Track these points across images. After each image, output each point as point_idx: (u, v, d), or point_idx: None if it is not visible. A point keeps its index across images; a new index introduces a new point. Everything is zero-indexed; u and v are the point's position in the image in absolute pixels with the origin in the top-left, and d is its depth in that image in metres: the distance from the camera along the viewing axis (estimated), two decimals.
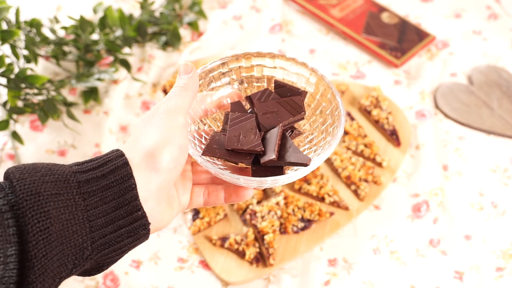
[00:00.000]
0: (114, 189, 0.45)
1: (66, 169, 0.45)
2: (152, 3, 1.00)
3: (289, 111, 0.55)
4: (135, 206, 0.45)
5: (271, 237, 0.76)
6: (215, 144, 0.53)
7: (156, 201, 0.47)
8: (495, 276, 0.77)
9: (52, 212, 0.42)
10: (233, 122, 0.54)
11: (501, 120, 0.91)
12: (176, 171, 0.47)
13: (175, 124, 0.48)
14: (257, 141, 0.52)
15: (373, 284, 0.76)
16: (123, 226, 0.45)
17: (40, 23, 0.91)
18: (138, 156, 0.46)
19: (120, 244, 0.45)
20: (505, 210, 0.83)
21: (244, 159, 0.53)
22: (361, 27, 1.04)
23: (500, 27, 1.05)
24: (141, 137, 0.48)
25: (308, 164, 0.51)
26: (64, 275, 0.43)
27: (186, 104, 0.50)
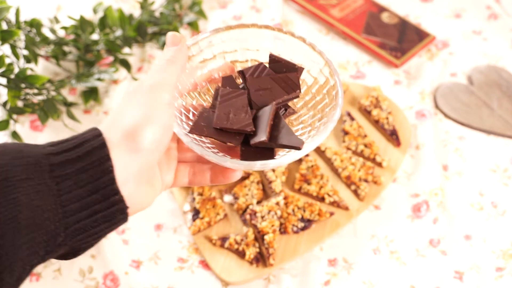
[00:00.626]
0: (90, 172, 0.42)
1: (38, 150, 0.42)
2: (152, 3, 1.00)
3: (284, 89, 0.52)
4: (112, 190, 0.42)
5: (271, 237, 0.76)
6: (203, 122, 0.50)
7: (136, 183, 0.44)
8: (495, 276, 0.77)
9: (21, 198, 0.39)
10: (223, 99, 0.50)
11: (501, 120, 0.91)
12: (158, 151, 0.45)
13: (159, 101, 0.45)
14: (247, 120, 0.49)
15: (373, 284, 0.76)
16: (99, 211, 0.42)
17: (40, 23, 0.91)
18: (117, 135, 0.43)
19: (96, 229, 0.43)
20: (505, 210, 0.83)
21: (233, 139, 0.50)
22: (361, 27, 1.04)
23: (500, 27, 1.05)
24: (121, 115, 0.44)
25: (300, 148, 0.48)
26: (35, 262, 0.41)
27: (172, 79, 0.47)
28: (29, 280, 0.76)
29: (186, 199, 0.82)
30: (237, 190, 0.82)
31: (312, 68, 0.55)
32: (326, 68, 0.54)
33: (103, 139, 0.43)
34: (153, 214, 0.82)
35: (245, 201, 0.81)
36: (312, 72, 0.55)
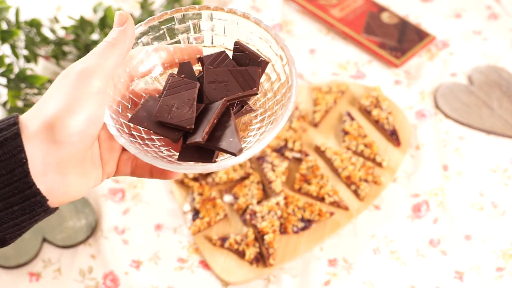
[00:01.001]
0: (1, 164, 0.40)
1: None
2: (152, 3, 1.00)
3: (240, 84, 0.47)
4: (26, 183, 0.40)
5: (271, 237, 0.76)
6: (145, 112, 0.46)
7: (58, 175, 0.41)
8: (495, 276, 0.77)
9: None
10: (171, 89, 0.46)
11: (501, 120, 0.91)
12: (82, 143, 0.41)
13: (87, 89, 0.41)
14: (189, 116, 0.45)
15: (373, 284, 0.76)
16: (15, 203, 0.40)
17: (40, 23, 0.91)
18: (36, 124, 0.40)
19: (15, 221, 0.41)
20: (505, 210, 0.83)
21: (172, 134, 0.46)
22: (361, 27, 1.04)
23: (500, 27, 1.05)
24: (44, 104, 0.41)
25: (236, 155, 0.44)
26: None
27: (108, 65, 0.43)
28: (29, 280, 0.76)
29: (186, 199, 0.82)
30: (237, 190, 0.82)
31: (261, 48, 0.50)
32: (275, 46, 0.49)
33: (18, 129, 0.40)
34: (153, 214, 0.82)
35: (245, 201, 0.81)
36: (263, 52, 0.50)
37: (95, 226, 0.80)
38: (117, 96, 0.47)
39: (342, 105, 0.92)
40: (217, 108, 0.45)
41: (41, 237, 0.78)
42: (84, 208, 0.81)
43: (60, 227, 0.79)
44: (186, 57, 0.50)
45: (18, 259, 0.76)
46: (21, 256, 0.77)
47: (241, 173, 0.83)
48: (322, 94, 0.91)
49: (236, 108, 0.48)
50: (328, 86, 0.93)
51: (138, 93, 0.49)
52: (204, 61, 0.48)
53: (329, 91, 0.92)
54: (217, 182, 0.83)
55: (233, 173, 0.83)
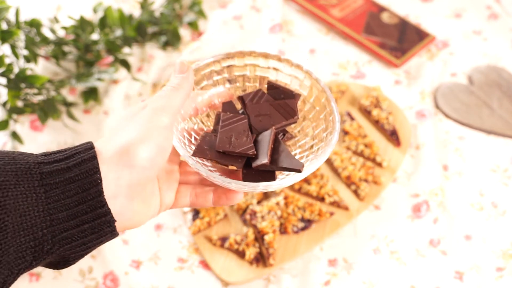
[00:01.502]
0: (78, 183, 0.43)
1: (31, 159, 0.43)
2: (152, 3, 1.00)
3: (282, 114, 0.54)
4: (99, 202, 0.43)
5: (271, 237, 0.76)
6: (205, 145, 0.51)
7: (127, 199, 0.45)
8: (495, 276, 0.77)
9: (9, 203, 0.40)
10: (224, 123, 0.52)
11: (501, 120, 0.91)
12: (151, 170, 0.46)
13: (157, 124, 0.46)
14: (249, 143, 0.51)
15: (373, 284, 0.76)
16: (86, 222, 0.43)
17: (40, 23, 0.91)
18: (111, 150, 0.45)
19: (84, 239, 0.44)
20: (505, 210, 0.83)
21: (236, 162, 0.51)
22: (361, 27, 1.04)
23: (500, 27, 1.05)
24: (118, 132, 0.46)
25: (301, 171, 0.50)
26: (23, 267, 0.42)
27: (175, 105, 0.48)
28: (29, 280, 0.76)
29: None
30: None
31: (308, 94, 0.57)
32: (323, 95, 0.56)
33: (94, 153, 0.44)
34: None
35: (245, 201, 0.81)
36: (308, 98, 0.57)
37: None
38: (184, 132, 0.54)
39: (342, 105, 0.92)
40: (269, 135, 0.51)
41: None
42: None
43: None
44: (221, 99, 0.57)
45: None
46: None
47: None
48: None
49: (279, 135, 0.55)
50: (328, 86, 0.93)
51: (187, 131, 0.55)
52: (244, 98, 0.55)
53: None
54: None
55: None
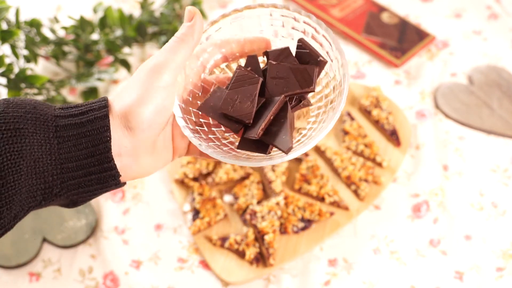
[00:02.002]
0: (89, 138, 0.46)
1: (49, 111, 0.47)
2: (152, 3, 1.00)
3: (299, 82, 0.51)
4: (106, 157, 0.46)
5: (271, 237, 0.76)
6: (212, 102, 0.51)
7: (132, 157, 0.48)
8: (495, 276, 0.77)
9: (25, 148, 0.44)
10: (236, 83, 0.50)
11: (501, 120, 0.91)
12: (151, 130, 0.48)
13: (156, 84, 0.47)
14: (249, 110, 0.49)
15: (373, 284, 0.76)
16: (93, 173, 0.47)
17: (40, 23, 0.91)
18: (117, 111, 0.47)
19: (90, 188, 0.47)
20: (505, 210, 0.83)
21: (234, 126, 0.50)
22: (361, 27, 1.04)
23: (500, 27, 1.05)
24: (123, 92, 0.48)
25: (286, 153, 0.48)
26: (33, 205, 0.46)
27: (177, 60, 0.48)
28: (29, 280, 0.76)
29: (186, 199, 0.82)
30: (237, 190, 0.82)
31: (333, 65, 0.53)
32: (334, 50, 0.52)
33: (107, 111, 0.47)
34: (153, 214, 0.82)
35: (245, 201, 0.81)
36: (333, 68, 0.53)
37: (95, 226, 0.80)
38: (188, 86, 0.52)
39: None
40: (275, 104, 0.49)
41: (41, 237, 0.78)
42: (84, 208, 0.81)
43: (60, 227, 0.79)
44: (256, 48, 0.54)
45: (18, 259, 0.76)
46: (21, 256, 0.77)
47: (241, 173, 0.83)
48: None
49: (294, 102, 0.52)
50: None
51: (209, 81, 0.54)
52: (269, 56, 0.52)
53: None
54: (217, 182, 0.83)
55: (233, 173, 0.83)
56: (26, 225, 0.79)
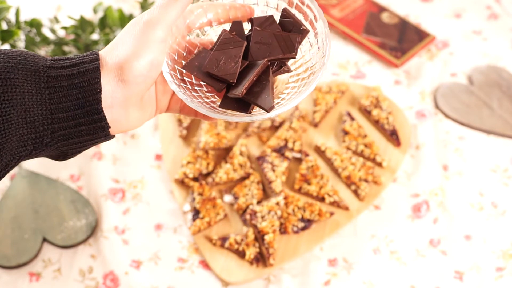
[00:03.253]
0: (80, 90, 0.47)
1: (41, 62, 0.47)
2: (152, 3, 1.00)
3: (281, 47, 0.53)
4: (96, 109, 0.47)
5: (271, 237, 0.76)
6: (197, 61, 0.53)
7: (123, 109, 0.49)
8: (495, 276, 0.77)
9: (17, 98, 0.45)
10: (221, 46, 0.52)
11: (501, 120, 0.91)
12: (144, 84, 0.49)
13: (151, 38, 0.48)
14: (233, 70, 0.51)
15: (373, 284, 0.76)
16: (83, 124, 0.47)
17: (40, 23, 0.91)
18: (111, 64, 0.48)
19: (79, 139, 0.48)
20: (505, 210, 0.83)
21: (217, 84, 0.52)
22: (361, 27, 1.04)
23: (500, 27, 1.05)
24: (117, 46, 0.49)
25: (268, 111, 0.51)
26: (24, 154, 0.46)
27: (170, 17, 0.49)
28: (29, 280, 0.76)
29: (186, 199, 0.82)
30: (237, 190, 0.82)
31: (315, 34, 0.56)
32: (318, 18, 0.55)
33: (98, 64, 0.47)
34: (153, 214, 0.82)
35: (245, 201, 0.81)
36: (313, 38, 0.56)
37: (95, 226, 0.80)
38: (175, 45, 0.54)
39: (342, 105, 0.92)
40: (258, 66, 0.51)
41: (41, 237, 0.78)
42: (84, 208, 0.81)
43: (60, 227, 0.79)
44: (240, 15, 0.56)
45: (18, 259, 0.76)
46: (21, 256, 0.77)
47: (241, 173, 0.83)
48: (322, 94, 0.91)
49: (275, 67, 0.54)
50: (328, 86, 0.93)
51: (193, 43, 0.55)
52: (254, 22, 0.54)
53: (329, 91, 0.92)
54: (217, 182, 0.83)
55: (233, 173, 0.83)
56: (26, 225, 0.79)
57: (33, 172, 0.84)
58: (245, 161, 0.84)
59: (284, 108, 0.51)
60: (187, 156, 0.84)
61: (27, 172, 0.84)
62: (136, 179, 0.85)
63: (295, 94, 0.53)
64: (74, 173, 0.86)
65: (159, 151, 0.88)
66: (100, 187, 0.83)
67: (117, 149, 0.88)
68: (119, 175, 0.85)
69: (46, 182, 0.83)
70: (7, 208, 0.81)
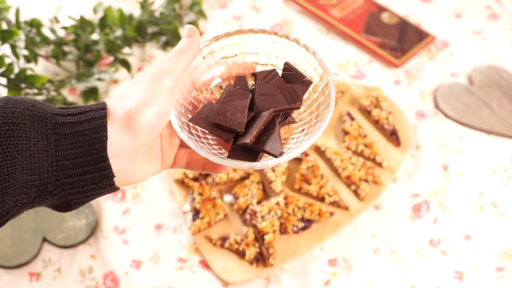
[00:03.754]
0: (86, 137, 0.46)
1: (49, 109, 0.47)
2: (152, 3, 1.00)
3: (286, 98, 0.54)
4: (102, 157, 0.47)
5: (271, 237, 0.76)
6: (204, 114, 0.54)
7: (130, 159, 0.48)
8: (495, 276, 0.77)
9: (22, 143, 0.45)
10: (227, 98, 0.54)
11: (501, 120, 0.91)
12: (152, 133, 0.49)
13: (159, 88, 0.49)
14: (241, 120, 0.52)
15: (373, 284, 0.76)
16: (88, 172, 0.47)
17: (40, 23, 0.91)
18: (118, 112, 0.48)
19: (84, 188, 0.47)
20: (505, 210, 0.83)
21: (225, 135, 0.53)
22: (361, 27, 1.04)
23: (500, 27, 1.05)
24: (125, 95, 0.49)
25: (278, 157, 0.51)
26: (27, 202, 0.46)
27: (177, 69, 0.50)
28: (29, 280, 0.76)
29: (186, 199, 0.82)
30: (237, 190, 0.82)
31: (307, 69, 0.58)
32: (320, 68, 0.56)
33: (105, 112, 0.47)
34: (153, 214, 0.82)
35: (245, 201, 0.81)
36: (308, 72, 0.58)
37: (95, 226, 0.80)
38: (181, 99, 0.55)
39: (342, 105, 0.92)
40: (265, 116, 0.52)
41: (41, 237, 0.78)
42: (84, 208, 0.81)
43: (60, 227, 0.79)
44: (242, 72, 0.58)
45: (18, 259, 0.76)
46: (21, 256, 0.77)
47: (241, 173, 0.83)
48: None
49: (280, 118, 0.55)
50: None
51: (198, 99, 0.56)
52: (257, 76, 0.55)
53: None
54: (217, 182, 0.83)
55: (233, 173, 0.83)
56: (26, 225, 0.79)
57: None
58: None
59: (293, 153, 0.52)
60: None
61: None
62: None
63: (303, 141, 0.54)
64: None
65: None
66: None
67: None
68: None
69: None
70: None
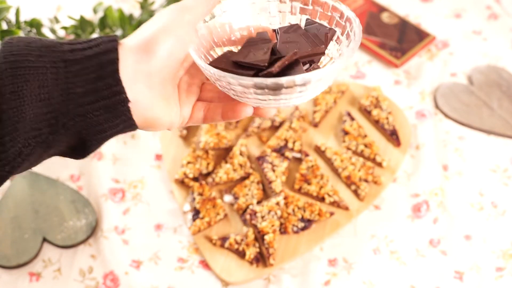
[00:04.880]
0: (97, 60, 0.44)
1: (55, 41, 0.45)
2: (152, 3, 1.00)
3: (310, 43, 0.52)
4: (115, 79, 0.44)
5: (271, 237, 0.76)
6: (224, 58, 0.52)
7: (146, 87, 0.46)
8: (495, 276, 0.77)
9: (29, 73, 0.42)
10: (250, 43, 0.52)
11: (501, 120, 0.91)
12: (169, 61, 0.47)
13: (180, 18, 0.48)
14: (264, 57, 0.50)
15: (373, 284, 0.76)
16: (102, 98, 0.44)
17: (40, 23, 0.91)
18: (134, 40, 0.47)
19: (99, 118, 0.45)
20: (505, 210, 0.83)
21: (246, 72, 0.50)
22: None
23: (500, 27, 1.05)
24: (144, 26, 0.48)
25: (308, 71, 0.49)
26: (40, 140, 0.43)
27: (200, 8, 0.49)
28: (29, 280, 0.76)
29: (186, 199, 0.82)
30: (237, 190, 0.82)
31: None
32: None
33: (116, 37, 0.46)
34: (153, 214, 0.82)
35: (245, 201, 0.81)
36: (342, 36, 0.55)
37: (95, 226, 0.80)
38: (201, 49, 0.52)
39: (342, 105, 0.92)
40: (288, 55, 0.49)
41: (41, 237, 0.78)
42: (84, 208, 0.81)
43: (60, 227, 0.79)
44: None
45: (18, 259, 0.76)
46: (21, 256, 0.77)
47: (241, 173, 0.83)
48: (322, 94, 0.91)
49: (304, 66, 0.52)
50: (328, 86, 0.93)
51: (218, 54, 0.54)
52: (279, 30, 0.53)
53: (329, 91, 0.92)
54: (217, 182, 0.83)
55: (233, 173, 0.83)
56: (26, 225, 0.79)
57: (33, 172, 0.84)
58: (245, 161, 0.84)
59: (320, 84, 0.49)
60: (187, 156, 0.84)
61: (27, 172, 0.84)
62: (136, 179, 0.85)
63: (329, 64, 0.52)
64: (74, 173, 0.86)
65: (159, 151, 0.88)
66: (100, 187, 0.83)
67: (117, 149, 0.88)
68: (119, 175, 0.85)
69: (46, 182, 0.83)
70: (7, 208, 0.81)
